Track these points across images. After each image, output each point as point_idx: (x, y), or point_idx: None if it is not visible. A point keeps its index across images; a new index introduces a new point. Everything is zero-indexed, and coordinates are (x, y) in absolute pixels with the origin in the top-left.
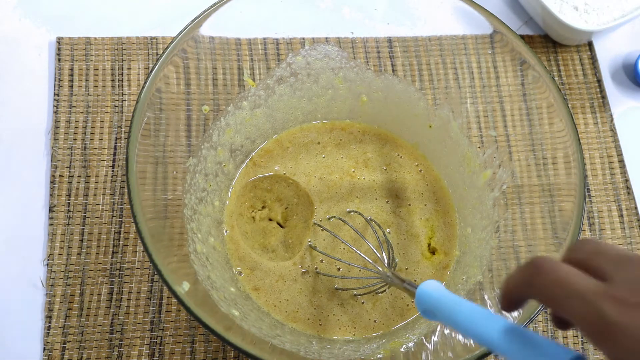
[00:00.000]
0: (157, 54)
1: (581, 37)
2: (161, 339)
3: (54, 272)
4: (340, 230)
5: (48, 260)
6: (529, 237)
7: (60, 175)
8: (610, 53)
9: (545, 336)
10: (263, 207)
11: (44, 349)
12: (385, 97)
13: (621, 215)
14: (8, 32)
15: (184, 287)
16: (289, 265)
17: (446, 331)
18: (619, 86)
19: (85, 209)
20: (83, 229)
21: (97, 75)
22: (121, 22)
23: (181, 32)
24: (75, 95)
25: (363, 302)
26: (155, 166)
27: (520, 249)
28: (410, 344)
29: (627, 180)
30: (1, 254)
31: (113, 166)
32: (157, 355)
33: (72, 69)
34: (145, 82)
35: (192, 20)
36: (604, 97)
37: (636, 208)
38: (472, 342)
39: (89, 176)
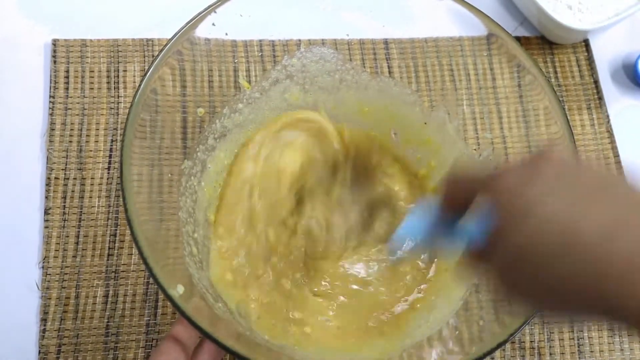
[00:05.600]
0: (152, 55)
1: (576, 36)
2: (157, 341)
3: (49, 274)
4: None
5: (43, 262)
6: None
7: (55, 178)
8: (610, 53)
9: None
10: None
11: (39, 352)
12: (382, 99)
13: None
14: (3, 33)
15: (178, 291)
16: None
17: (445, 333)
18: (618, 86)
19: (81, 212)
20: (78, 231)
21: (92, 77)
22: (117, 24)
23: (176, 33)
24: (71, 97)
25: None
26: (150, 168)
27: None
28: (409, 346)
29: None
30: None
31: (109, 168)
32: None
33: (67, 71)
34: (140, 84)
35: (188, 22)
36: (600, 98)
37: None
38: (467, 343)
39: (85, 178)
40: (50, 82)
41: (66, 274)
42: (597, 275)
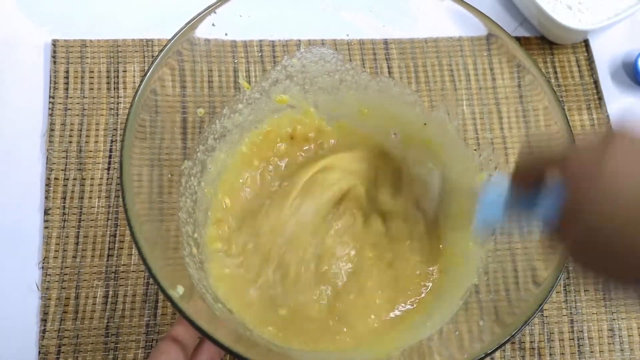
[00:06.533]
0: (152, 56)
1: (576, 37)
2: (157, 342)
3: (49, 275)
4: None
5: (43, 263)
6: (526, 239)
7: (55, 178)
8: (610, 53)
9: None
10: None
11: (39, 353)
12: (382, 99)
13: None
14: (3, 33)
15: (178, 291)
16: None
17: (445, 333)
18: (618, 86)
19: (81, 212)
20: (78, 231)
21: (92, 77)
22: (117, 24)
23: (176, 34)
24: (71, 97)
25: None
26: (150, 169)
27: (516, 251)
28: (408, 346)
29: None
30: None
31: (108, 169)
32: None
33: (67, 72)
34: (140, 84)
35: (188, 23)
36: (600, 98)
37: None
38: (467, 344)
39: (85, 179)
40: (50, 83)
41: (66, 274)
42: None
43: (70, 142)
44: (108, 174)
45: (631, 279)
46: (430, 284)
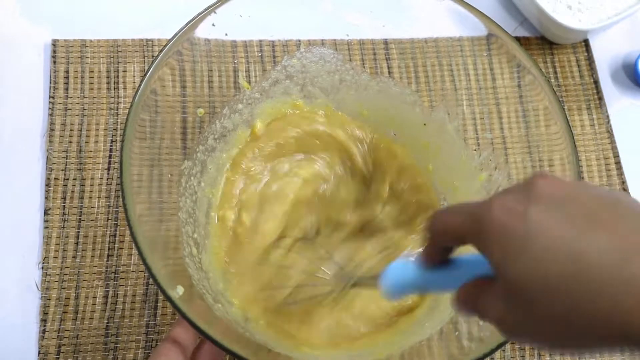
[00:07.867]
0: (152, 56)
1: (576, 36)
2: (156, 342)
3: (49, 275)
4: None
5: (43, 263)
6: None
7: (55, 178)
8: (610, 53)
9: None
10: None
11: (39, 353)
12: (381, 99)
13: None
14: (3, 33)
15: (178, 291)
16: None
17: (444, 333)
18: (618, 86)
19: (81, 212)
20: (78, 231)
21: (92, 77)
22: (117, 24)
23: (176, 34)
24: (71, 97)
25: None
26: (150, 169)
27: None
28: (408, 346)
29: (623, 182)
30: None
31: (108, 169)
32: None
33: (67, 71)
34: (140, 84)
35: (188, 23)
36: (600, 98)
37: None
38: (466, 343)
39: (84, 179)
40: (50, 83)
41: (66, 274)
42: (613, 301)
43: (70, 142)
44: (108, 174)
45: (572, 342)
46: None
